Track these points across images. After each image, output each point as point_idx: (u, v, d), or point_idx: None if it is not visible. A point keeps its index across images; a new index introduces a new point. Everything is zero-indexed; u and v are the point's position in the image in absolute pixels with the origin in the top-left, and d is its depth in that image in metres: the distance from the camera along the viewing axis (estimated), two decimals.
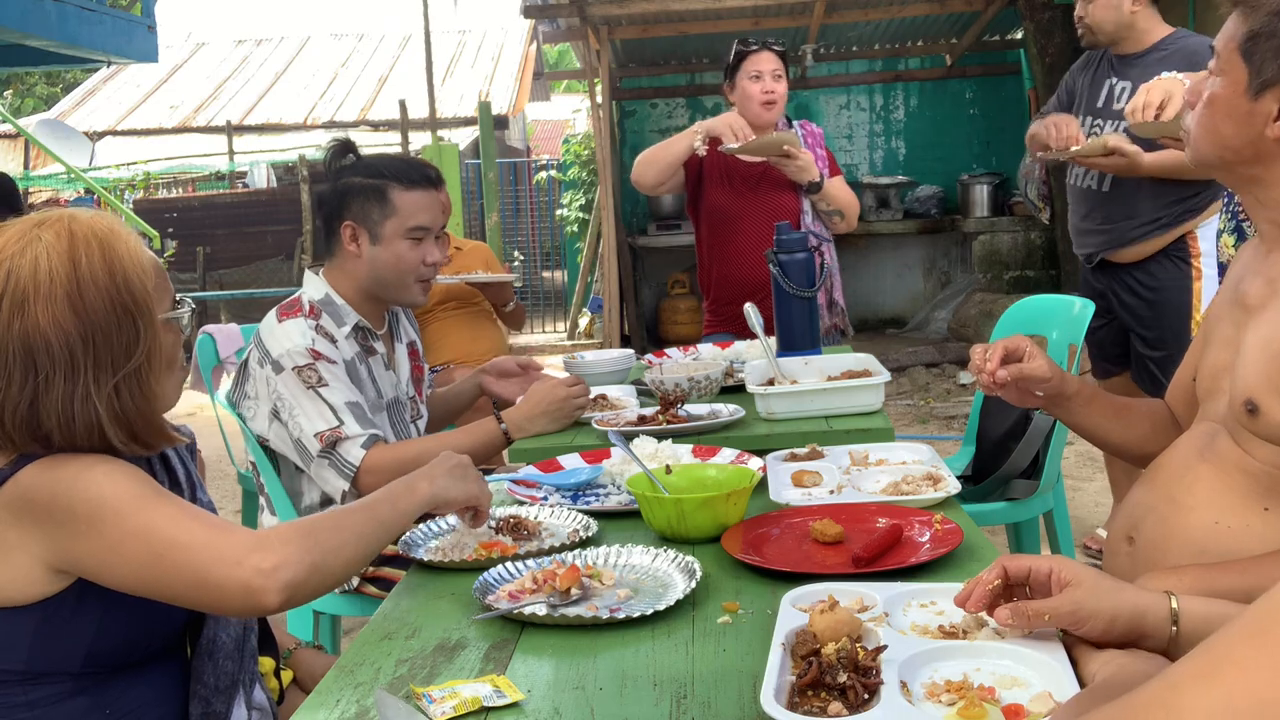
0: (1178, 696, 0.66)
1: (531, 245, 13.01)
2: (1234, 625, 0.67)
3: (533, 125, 19.65)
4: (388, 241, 2.35)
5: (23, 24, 6.00)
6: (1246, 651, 0.65)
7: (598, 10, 7.67)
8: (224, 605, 1.35)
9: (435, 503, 1.59)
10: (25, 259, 1.35)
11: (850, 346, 3.26)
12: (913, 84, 9.53)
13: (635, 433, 2.10)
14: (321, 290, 2.37)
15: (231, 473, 4.28)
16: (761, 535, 1.59)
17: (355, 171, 2.39)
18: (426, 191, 2.39)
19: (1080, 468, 4.97)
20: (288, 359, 2.23)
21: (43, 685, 1.35)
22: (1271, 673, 0.63)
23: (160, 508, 1.33)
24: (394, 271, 2.37)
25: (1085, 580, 1.11)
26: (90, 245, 1.37)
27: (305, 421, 2.21)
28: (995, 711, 1.01)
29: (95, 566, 1.32)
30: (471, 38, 17.63)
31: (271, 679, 1.68)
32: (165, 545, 1.31)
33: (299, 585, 1.33)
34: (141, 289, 1.39)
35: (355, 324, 2.36)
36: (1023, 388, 1.71)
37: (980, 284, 8.61)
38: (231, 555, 1.31)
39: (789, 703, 1.05)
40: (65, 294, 1.34)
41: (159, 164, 13.01)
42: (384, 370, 2.43)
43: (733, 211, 3.53)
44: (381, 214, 2.35)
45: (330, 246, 2.41)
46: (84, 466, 1.33)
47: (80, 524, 1.30)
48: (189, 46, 18.06)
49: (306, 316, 2.30)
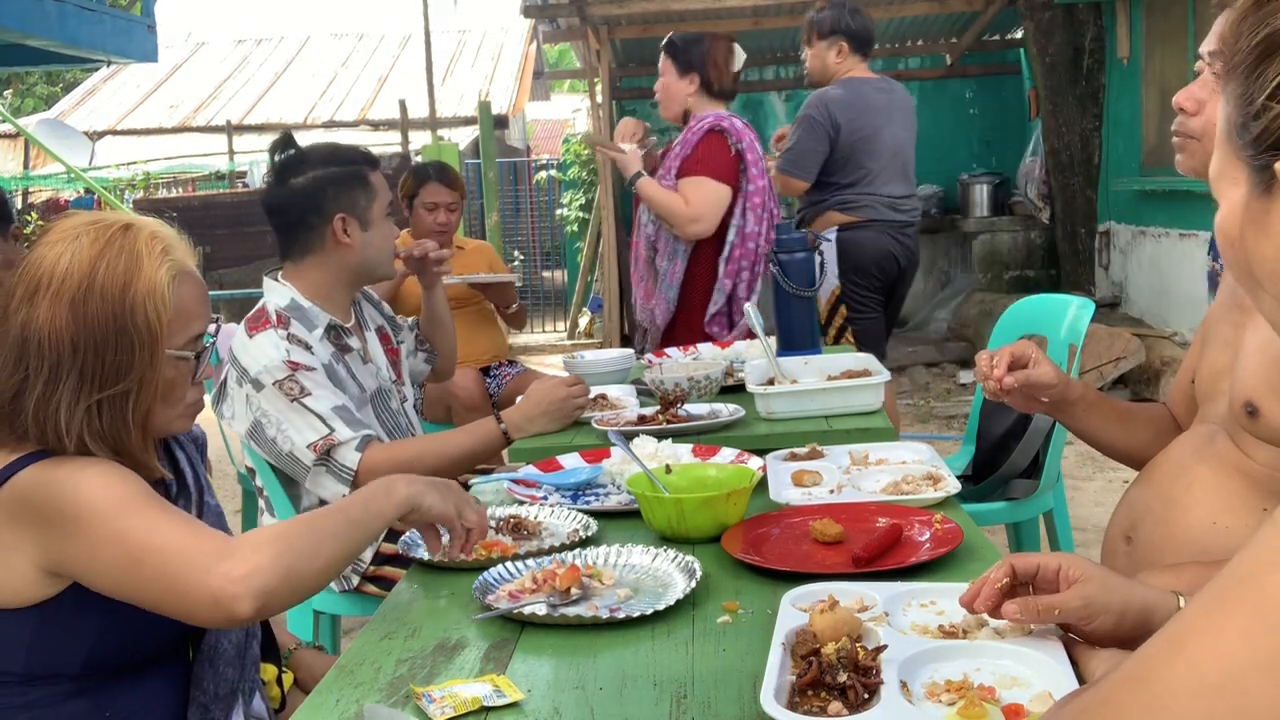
0: (1149, 670, 0.69)
1: (531, 245, 13.01)
2: (1197, 598, 0.69)
3: (533, 125, 19.65)
4: (377, 224, 2.37)
5: (23, 24, 6.00)
6: (1210, 621, 0.67)
7: (598, 10, 7.68)
8: (195, 614, 1.31)
9: (410, 506, 1.48)
10: (54, 251, 1.35)
11: (851, 346, 3.27)
12: (913, 84, 9.51)
13: (635, 433, 2.10)
14: (286, 296, 2.33)
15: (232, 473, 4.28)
16: (761, 535, 1.59)
17: (321, 164, 2.36)
18: (379, 170, 2.44)
19: (1080, 467, 4.97)
20: (266, 375, 2.20)
21: (41, 687, 1.35)
22: (1235, 636, 0.65)
23: (144, 512, 1.30)
24: (383, 252, 2.40)
25: (1095, 576, 1.11)
26: (118, 259, 1.35)
27: (296, 435, 2.19)
28: (995, 711, 1.01)
29: (81, 570, 1.31)
30: (471, 37, 17.64)
31: (273, 687, 1.67)
32: (141, 550, 1.28)
33: (271, 593, 1.28)
34: (148, 317, 1.36)
35: (326, 325, 2.33)
36: (1028, 394, 1.71)
37: (980, 284, 8.61)
38: (202, 563, 1.27)
39: (789, 702, 1.05)
40: (71, 296, 1.33)
41: (159, 164, 13.00)
42: (362, 365, 2.41)
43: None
44: (367, 199, 2.36)
45: (307, 245, 2.35)
46: (78, 468, 1.32)
47: (68, 526, 1.29)
48: (189, 46, 18.07)
49: (276, 327, 2.25)
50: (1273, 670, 0.64)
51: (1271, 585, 0.66)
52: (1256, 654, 0.64)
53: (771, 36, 8.91)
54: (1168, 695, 0.67)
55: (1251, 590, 0.67)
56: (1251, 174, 0.82)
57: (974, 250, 8.70)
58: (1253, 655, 0.64)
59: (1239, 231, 0.84)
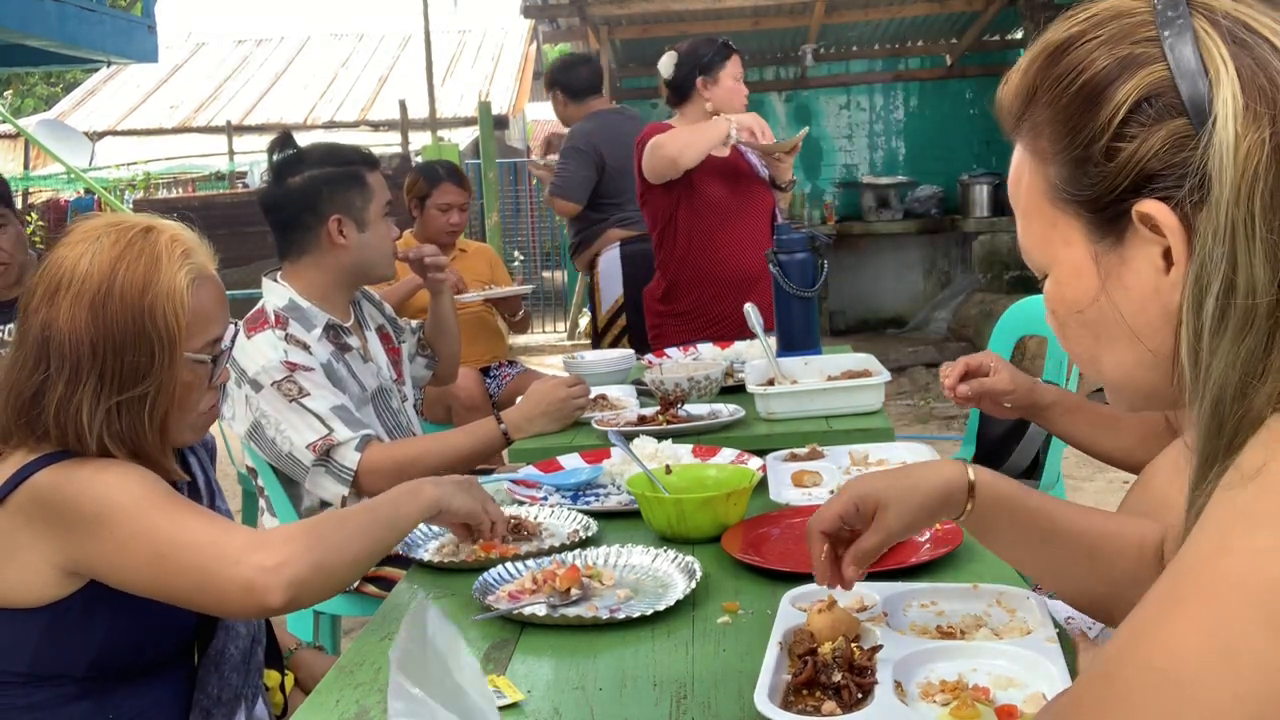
0: (1111, 669, 0.68)
1: (531, 245, 13.00)
2: (1151, 592, 0.69)
3: (532, 125, 19.63)
4: (373, 225, 2.37)
5: (23, 24, 6.00)
6: (1161, 613, 0.67)
7: (598, 10, 7.68)
8: (227, 605, 1.34)
9: (438, 508, 1.54)
10: (75, 252, 1.36)
11: (850, 347, 3.27)
12: (913, 84, 9.53)
13: (635, 433, 2.10)
14: (285, 297, 2.34)
15: (232, 473, 4.28)
16: (761, 535, 1.60)
17: (317, 164, 2.36)
18: (378, 170, 2.43)
19: (1080, 468, 4.97)
20: (264, 375, 2.20)
21: (46, 688, 1.35)
22: (1186, 626, 0.65)
23: (167, 509, 1.32)
24: (380, 253, 2.39)
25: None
26: (138, 261, 1.36)
27: (295, 435, 2.19)
28: (988, 712, 1.01)
29: (105, 569, 1.32)
30: (471, 38, 17.62)
31: (276, 694, 1.67)
32: (169, 545, 1.30)
33: (303, 583, 1.31)
34: (168, 319, 1.36)
35: (325, 324, 2.34)
36: (992, 400, 1.85)
37: (980, 284, 8.61)
38: (232, 554, 1.30)
39: (783, 701, 1.05)
40: (91, 297, 1.34)
41: (159, 164, 12.99)
42: (362, 364, 2.41)
43: (729, 206, 3.54)
44: (363, 199, 2.36)
45: (303, 245, 2.36)
46: (97, 470, 1.33)
47: (90, 526, 1.30)
48: (189, 46, 18.05)
49: (274, 327, 2.26)
50: (1226, 656, 0.63)
51: (1217, 572, 0.65)
52: (1208, 642, 0.64)
53: (771, 36, 8.91)
54: (1128, 692, 0.66)
55: (1199, 579, 0.66)
56: (1094, 229, 0.79)
57: (974, 250, 8.70)
58: (1204, 643, 0.64)
59: (1092, 295, 0.80)
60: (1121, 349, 0.81)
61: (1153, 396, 0.85)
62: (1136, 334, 0.79)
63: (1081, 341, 0.84)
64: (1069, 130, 0.78)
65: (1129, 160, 0.75)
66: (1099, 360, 0.84)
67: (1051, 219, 0.82)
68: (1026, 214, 0.84)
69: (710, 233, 3.55)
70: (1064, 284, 0.82)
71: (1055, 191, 0.80)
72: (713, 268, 3.57)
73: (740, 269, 3.50)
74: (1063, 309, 0.83)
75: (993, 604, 1.27)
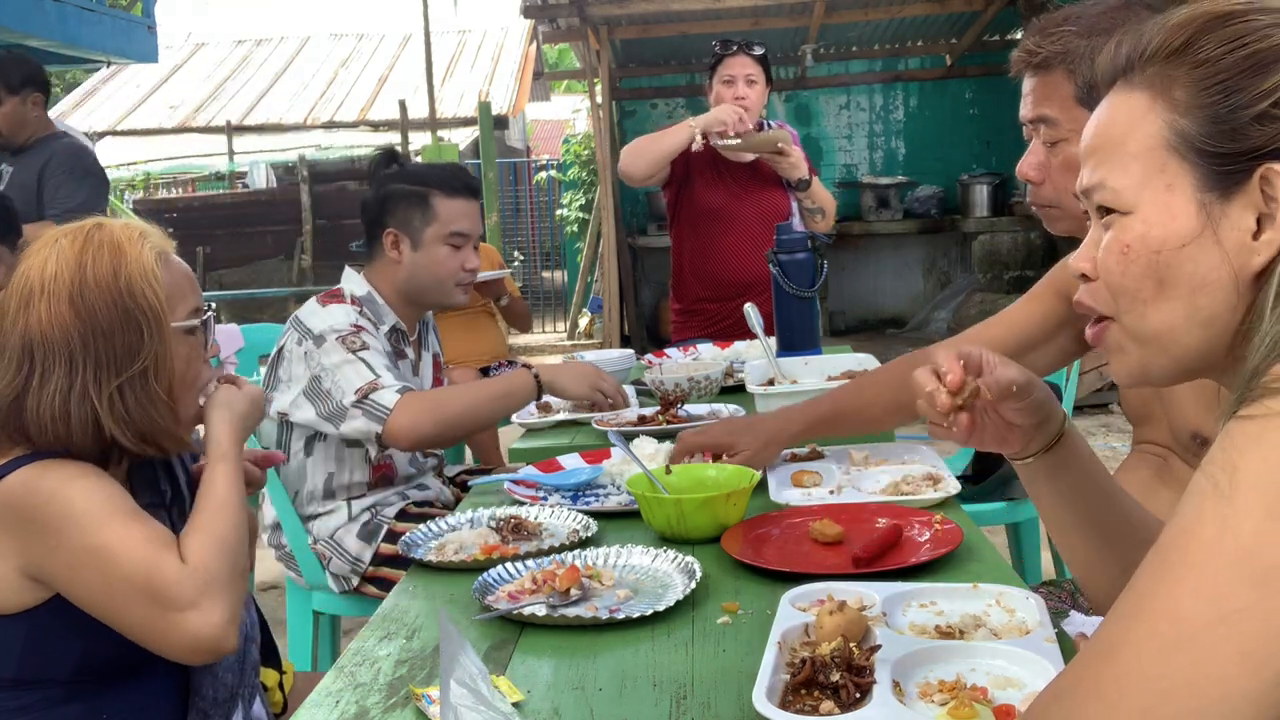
0: (1113, 644, 0.73)
1: (531, 245, 13.01)
2: (1142, 569, 0.74)
3: (533, 125, 19.66)
4: (428, 247, 2.40)
5: (23, 24, 6.00)
6: (1160, 585, 0.72)
7: (598, 10, 7.68)
8: (171, 653, 1.33)
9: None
10: (38, 260, 1.38)
11: (850, 347, 3.27)
12: (913, 84, 9.53)
13: (635, 433, 2.10)
14: (364, 288, 2.42)
15: None
16: (761, 535, 1.60)
17: (399, 179, 2.45)
18: (468, 200, 2.46)
19: None
20: (331, 332, 2.27)
21: (34, 691, 1.35)
22: (1187, 594, 0.70)
23: (126, 529, 1.31)
24: (433, 277, 2.42)
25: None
26: (101, 250, 1.39)
27: (345, 384, 2.23)
28: (986, 712, 1.01)
29: (61, 583, 1.32)
30: (471, 38, 17.62)
31: (275, 692, 1.67)
32: (115, 575, 1.30)
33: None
34: (146, 294, 1.38)
35: (392, 325, 2.42)
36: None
37: (980, 284, 8.61)
38: (179, 599, 1.30)
39: (781, 701, 1.05)
40: (67, 294, 1.36)
41: (159, 164, 13.00)
42: (411, 376, 2.47)
43: (726, 210, 3.53)
44: (423, 220, 2.41)
45: (372, 251, 2.46)
46: (68, 477, 1.33)
47: (50, 536, 1.30)
48: (189, 46, 18.05)
49: (350, 304, 2.36)
50: (1228, 621, 0.67)
51: (1208, 541, 0.70)
52: (1212, 608, 0.68)
53: (771, 36, 8.90)
54: (1135, 661, 0.70)
55: (1192, 548, 0.70)
56: (1209, 179, 0.83)
57: (974, 250, 8.70)
58: (1209, 610, 0.68)
59: (1182, 238, 0.84)
60: (1177, 302, 0.85)
61: (1175, 361, 0.89)
62: (1203, 286, 0.83)
63: (1143, 285, 0.86)
64: (1224, 90, 0.82)
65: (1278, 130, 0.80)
66: (1147, 307, 0.87)
67: (1161, 163, 0.85)
68: (1129, 154, 0.87)
69: (703, 236, 3.56)
70: (1153, 224, 0.85)
71: (1181, 139, 0.84)
72: (711, 271, 3.57)
73: (739, 274, 3.48)
74: (1143, 247, 0.86)
75: (992, 604, 1.27)
